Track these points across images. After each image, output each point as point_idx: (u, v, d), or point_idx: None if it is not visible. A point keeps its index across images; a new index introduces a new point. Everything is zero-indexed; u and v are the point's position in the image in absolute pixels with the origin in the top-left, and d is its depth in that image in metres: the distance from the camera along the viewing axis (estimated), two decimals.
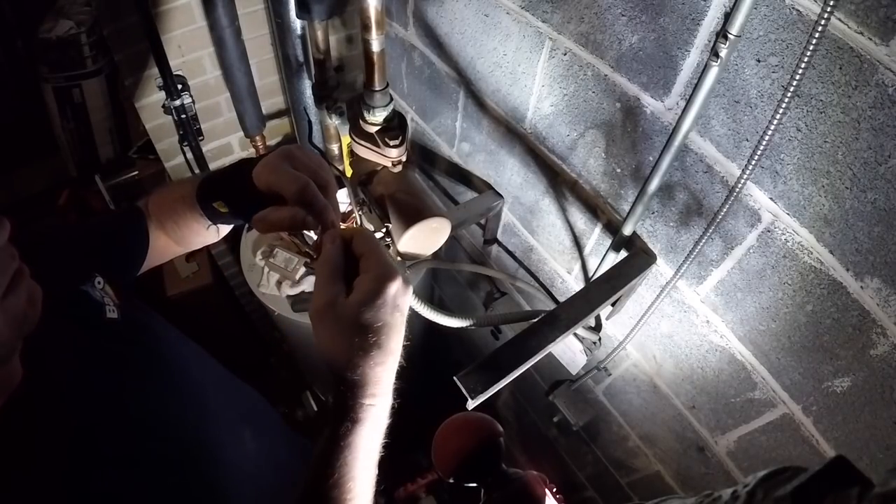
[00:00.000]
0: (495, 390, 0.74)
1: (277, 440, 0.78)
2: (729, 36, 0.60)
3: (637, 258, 0.92)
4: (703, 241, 0.75)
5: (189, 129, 1.38)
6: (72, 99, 2.05)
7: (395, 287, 0.46)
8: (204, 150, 1.48)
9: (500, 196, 1.21)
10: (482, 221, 1.28)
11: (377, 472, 0.49)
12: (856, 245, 0.63)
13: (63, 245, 0.60)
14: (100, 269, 0.58)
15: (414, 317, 0.62)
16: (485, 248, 1.41)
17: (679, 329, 0.94)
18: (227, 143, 1.62)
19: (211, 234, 0.66)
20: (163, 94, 1.31)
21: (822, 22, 0.50)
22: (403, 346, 0.50)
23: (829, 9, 0.49)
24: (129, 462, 0.48)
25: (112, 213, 0.70)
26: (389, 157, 0.73)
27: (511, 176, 1.16)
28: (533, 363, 0.78)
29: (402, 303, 0.47)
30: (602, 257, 0.99)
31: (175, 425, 0.55)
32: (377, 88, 0.71)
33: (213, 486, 0.55)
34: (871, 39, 0.52)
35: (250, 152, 1.63)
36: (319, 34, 1.02)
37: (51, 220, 2.06)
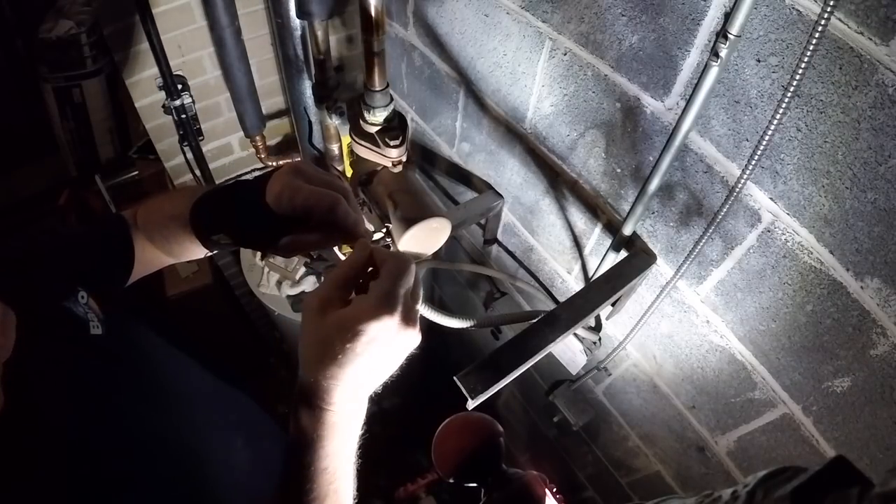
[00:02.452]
0: (495, 390, 0.74)
1: (271, 446, 0.77)
2: (729, 36, 0.60)
3: (637, 258, 0.92)
4: (703, 241, 0.75)
5: (189, 129, 1.38)
6: (72, 99, 2.05)
7: (380, 326, 0.44)
8: (204, 150, 1.48)
9: (500, 196, 1.21)
10: (482, 221, 1.28)
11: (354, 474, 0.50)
12: (856, 245, 0.63)
13: (44, 260, 0.58)
14: (83, 282, 0.56)
15: None
16: (485, 248, 1.41)
17: (679, 329, 0.94)
18: (227, 143, 1.62)
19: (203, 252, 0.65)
20: (163, 94, 1.31)
21: (822, 22, 0.50)
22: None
23: (829, 9, 0.49)
24: (122, 481, 0.47)
25: (95, 225, 0.68)
26: (389, 157, 0.73)
27: (511, 176, 1.16)
28: (533, 363, 0.78)
29: (384, 338, 0.44)
30: (602, 257, 0.99)
31: (165, 440, 0.55)
32: (377, 88, 0.71)
33: (205, 497, 0.55)
34: (871, 39, 0.52)
35: (250, 152, 1.63)
36: (319, 34, 1.02)
37: (51, 220, 2.06)
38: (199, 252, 0.63)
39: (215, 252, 0.63)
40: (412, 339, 0.47)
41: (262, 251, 0.58)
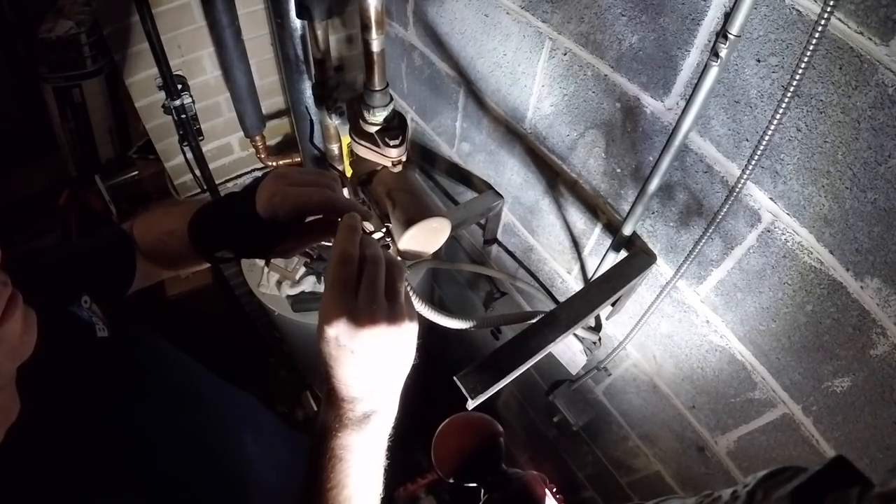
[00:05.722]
0: (495, 390, 0.74)
1: (278, 442, 0.78)
2: (729, 36, 0.60)
3: (637, 258, 0.92)
4: (703, 241, 0.75)
5: (189, 129, 1.38)
6: (72, 99, 2.05)
7: (333, 331, 0.44)
8: (204, 150, 1.48)
9: (500, 196, 1.21)
10: (482, 221, 1.28)
11: (380, 479, 0.50)
12: (856, 245, 0.63)
13: (48, 267, 0.59)
14: (86, 289, 0.57)
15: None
16: (485, 248, 1.41)
17: (679, 329, 0.94)
18: (227, 143, 1.62)
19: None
20: (163, 94, 1.31)
21: (822, 22, 0.50)
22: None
23: (829, 9, 0.49)
24: (132, 482, 0.48)
25: (97, 236, 0.69)
26: (389, 157, 0.73)
27: (511, 176, 1.16)
28: (533, 363, 0.78)
29: (346, 343, 0.44)
30: (602, 257, 0.99)
31: (175, 439, 0.55)
32: (377, 88, 0.71)
33: (217, 495, 0.55)
34: (871, 39, 0.52)
35: (250, 152, 1.63)
36: (319, 34, 1.02)
37: (51, 220, 2.06)
38: (197, 265, 0.65)
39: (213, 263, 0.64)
40: (383, 331, 0.45)
41: (264, 258, 0.59)
